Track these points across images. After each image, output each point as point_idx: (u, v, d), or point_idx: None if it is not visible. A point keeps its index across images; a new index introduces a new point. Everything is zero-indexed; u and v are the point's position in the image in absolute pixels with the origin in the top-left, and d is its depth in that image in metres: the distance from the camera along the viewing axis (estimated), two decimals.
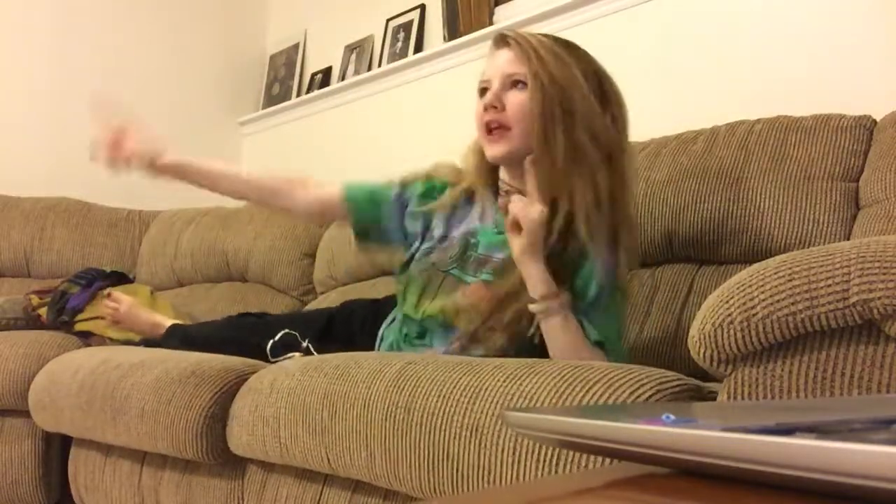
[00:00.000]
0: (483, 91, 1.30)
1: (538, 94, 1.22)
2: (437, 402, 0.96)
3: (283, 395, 1.19)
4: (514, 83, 1.26)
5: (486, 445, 0.90)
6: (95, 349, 1.91)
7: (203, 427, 1.33)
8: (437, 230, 1.38)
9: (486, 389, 0.93)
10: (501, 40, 1.30)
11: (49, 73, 2.97)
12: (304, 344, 1.53)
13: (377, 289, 2.03)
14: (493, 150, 1.28)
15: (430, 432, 0.96)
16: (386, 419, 1.01)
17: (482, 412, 0.92)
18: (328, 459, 1.11)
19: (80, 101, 2.99)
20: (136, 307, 2.08)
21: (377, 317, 1.54)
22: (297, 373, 1.21)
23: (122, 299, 2.09)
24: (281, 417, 1.18)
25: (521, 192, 1.26)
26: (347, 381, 1.10)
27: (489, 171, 1.36)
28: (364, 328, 1.56)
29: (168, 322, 2.02)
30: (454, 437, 0.93)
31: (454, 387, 0.97)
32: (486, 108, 1.26)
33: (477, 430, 0.91)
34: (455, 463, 0.93)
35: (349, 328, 1.59)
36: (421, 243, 1.39)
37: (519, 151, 1.26)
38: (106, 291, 2.18)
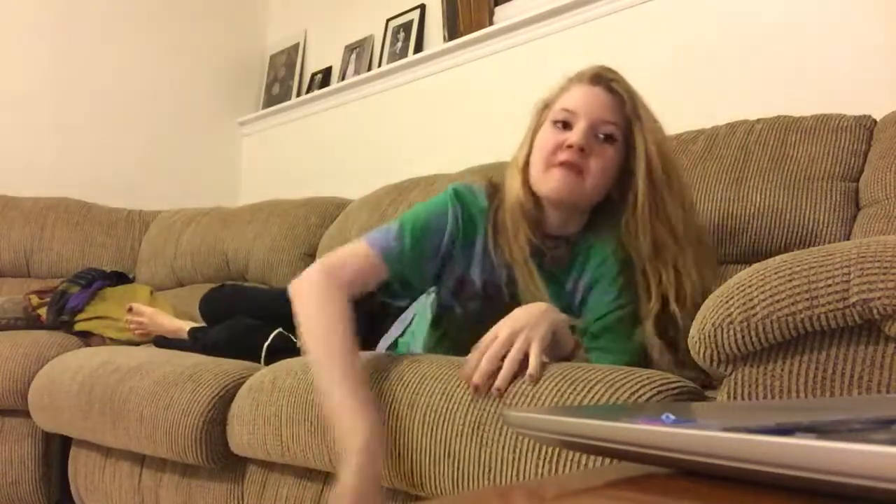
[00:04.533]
0: (564, 124, 1.18)
1: (644, 166, 1.15)
2: (440, 399, 0.97)
3: (285, 394, 1.19)
4: (603, 133, 1.17)
5: (487, 443, 0.90)
6: (95, 349, 1.91)
7: (202, 431, 1.33)
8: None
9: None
10: (600, 80, 1.19)
11: (49, 73, 2.97)
12: (300, 343, 1.53)
13: None
14: (562, 184, 1.15)
15: (432, 430, 0.96)
16: (388, 417, 1.01)
17: (484, 410, 0.92)
18: (329, 458, 1.11)
19: (80, 101, 3.02)
20: (158, 315, 2.15)
21: (379, 310, 1.51)
22: (298, 371, 1.21)
23: (143, 311, 2.15)
24: (282, 415, 1.18)
25: (566, 239, 1.22)
26: None
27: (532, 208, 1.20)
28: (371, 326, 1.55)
29: (187, 327, 2.02)
30: (456, 435, 0.93)
31: (457, 385, 0.97)
32: (569, 147, 1.15)
33: (478, 427, 0.91)
34: (456, 461, 0.93)
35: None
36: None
37: (579, 201, 1.19)
38: (127, 305, 2.19)
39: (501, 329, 0.96)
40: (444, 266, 1.23)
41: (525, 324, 0.96)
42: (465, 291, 1.24)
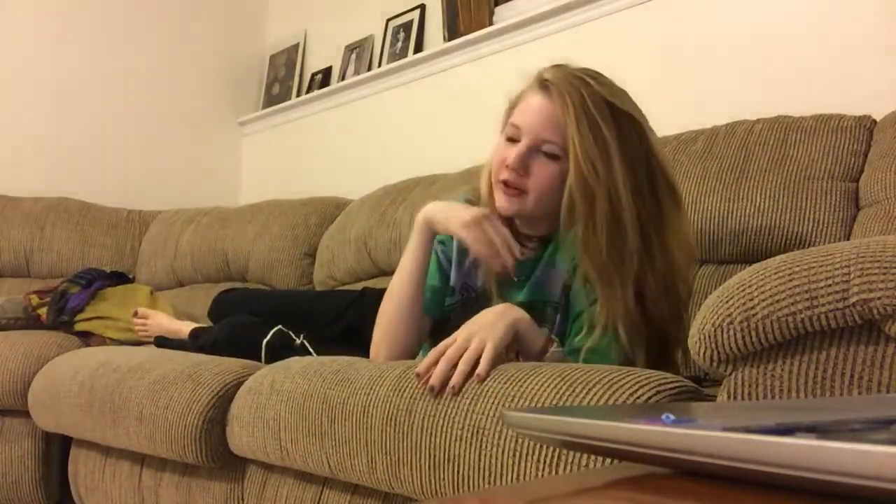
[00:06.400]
0: (510, 138, 1.19)
1: (578, 181, 1.11)
2: (438, 404, 0.96)
3: (283, 398, 1.19)
4: (545, 150, 1.16)
5: (487, 447, 0.90)
6: (95, 349, 1.91)
7: (202, 431, 1.33)
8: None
9: (487, 391, 0.93)
10: (544, 87, 1.19)
11: (49, 73, 2.97)
12: (299, 341, 1.53)
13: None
14: (504, 205, 1.18)
15: (431, 435, 0.96)
16: (387, 423, 1.01)
17: (483, 414, 0.92)
18: (329, 464, 1.11)
19: (80, 101, 3.02)
20: (159, 315, 2.21)
21: None
22: (296, 375, 1.20)
23: (148, 314, 2.21)
24: (281, 420, 1.18)
25: (534, 238, 1.23)
26: (347, 387, 1.10)
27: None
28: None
29: (187, 328, 2.03)
30: (455, 439, 0.93)
31: None
32: (506, 167, 1.16)
33: (478, 431, 0.91)
34: (456, 465, 0.93)
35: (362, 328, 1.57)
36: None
37: (530, 213, 1.19)
38: (133, 310, 2.24)
39: (459, 333, 1.00)
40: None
41: (481, 326, 1.00)
42: (450, 297, 1.29)
